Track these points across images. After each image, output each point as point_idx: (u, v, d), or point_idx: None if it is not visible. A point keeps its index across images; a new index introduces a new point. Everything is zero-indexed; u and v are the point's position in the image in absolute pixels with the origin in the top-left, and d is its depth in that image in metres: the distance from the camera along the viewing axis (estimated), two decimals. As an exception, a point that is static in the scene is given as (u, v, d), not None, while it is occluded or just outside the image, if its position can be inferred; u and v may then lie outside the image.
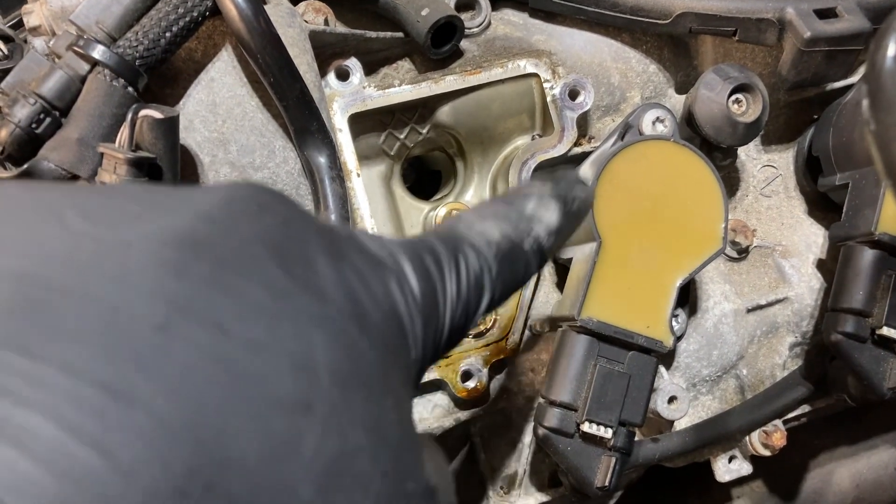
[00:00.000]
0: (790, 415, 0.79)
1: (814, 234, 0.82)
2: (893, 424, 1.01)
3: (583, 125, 0.78)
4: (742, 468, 0.79)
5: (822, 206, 0.83)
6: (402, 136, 0.78)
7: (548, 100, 0.76)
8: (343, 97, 0.71)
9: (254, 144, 0.67)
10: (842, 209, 0.72)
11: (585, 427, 0.62)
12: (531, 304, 0.76)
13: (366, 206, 0.71)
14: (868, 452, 1.01)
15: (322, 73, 0.69)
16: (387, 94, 0.72)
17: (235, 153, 0.67)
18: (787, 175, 0.84)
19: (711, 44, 0.77)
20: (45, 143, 0.58)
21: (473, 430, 0.76)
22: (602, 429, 0.62)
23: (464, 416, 0.75)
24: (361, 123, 0.74)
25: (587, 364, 0.63)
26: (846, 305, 0.68)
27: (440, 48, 0.71)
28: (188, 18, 0.60)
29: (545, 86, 0.76)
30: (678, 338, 0.76)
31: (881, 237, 0.67)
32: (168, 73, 0.66)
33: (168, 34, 0.60)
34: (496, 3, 0.77)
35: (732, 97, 0.69)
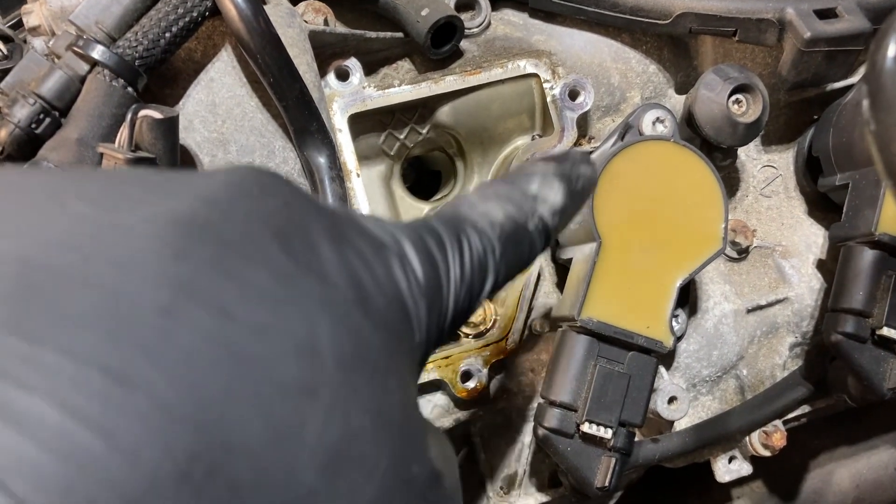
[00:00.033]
0: (790, 415, 0.79)
1: (814, 235, 0.82)
2: (893, 424, 1.01)
3: (583, 125, 0.78)
4: (742, 468, 0.79)
5: (823, 207, 0.83)
6: (402, 137, 0.78)
7: (548, 100, 0.76)
8: (343, 97, 0.71)
9: (253, 145, 0.67)
10: (842, 209, 0.72)
11: (585, 427, 0.62)
12: (531, 305, 0.76)
13: (366, 207, 0.71)
14: (868, 452, 1.01)
15: (322, 74, 0.69)
16: (387, 95, 0.72)
17: (235, 153, 0.67)
18: (787, 175, 0.84)
19: (711, 44, 0.77)
20: (45, 144, 0.58)
21: (473, 430, 0.76)
22: (602, 429, 0.62)
23: (464, 417, 0.75)
24: (361, 123, 0.74)
25: (587, 364, 0.63)
26: (846, 306, 0.68)
27: (440, 48, 0.71)
28: (188, 19, 0.60)
29: (545, 86, 0.76)
30: (678, 338, 0.76)
31: (881, 237, 0.67)
32: (168, 74, 0.66)
33: (168, 34, 0.60)
34: (496, 4, 0.77)
35: (732, 97, 0.69)
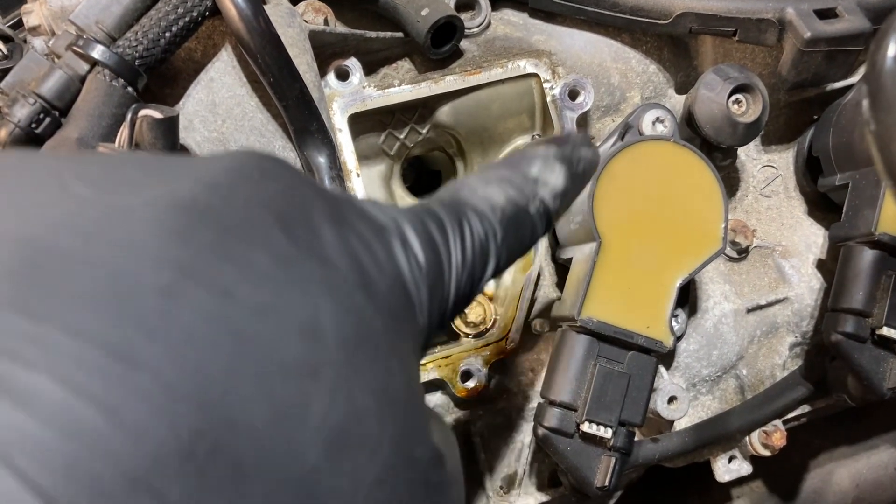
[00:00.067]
0: (790, 415, 0.79)
1: (814, 235, 0.82)
2: (893, 424, 1.01)
3: (583, 125, 0.78)
4: (742, 468, 0.79)
5: (822, 207, 0.83)
6: (402, 136, 0.78)
7: (548, 100, 0.76)
8: (343, 97, 0.71)
9: (253, 144, 0.67)
10: (842, 209, 0.72)
11: (585, 427, 0.62)
12: (531, 304, 0.76)
13: (365, 206, 0.71)
14: (868, 452, 1.01)
15: (322, 73, 0.69)
16: (387, 94, 0.72)
17: (235, 153, 0.67)
18: (787, 175, 0.84)
19: (711, 44, 0.77)
20: (45, 143, 0.58)
21: (473, 430, 0.76)
22: (602, 429, 0.62)
23: (463, 416, 0.75)
24: (361, 123, 0.74)
25: (587, 364, 0.63)
26: (846, 305, 0.68)
27: (440, 48, 0.71)
28: (188, 18, 0.60)
29: (545, 86, 0.76)
30: (678, 338, 0.76)
31: (881, 237, 0.67)
32: (168, 73, 0.66)
33: (168, 34, 0.60)
34: (496, 4, 0.77)
35: (732, 97, 0.69)
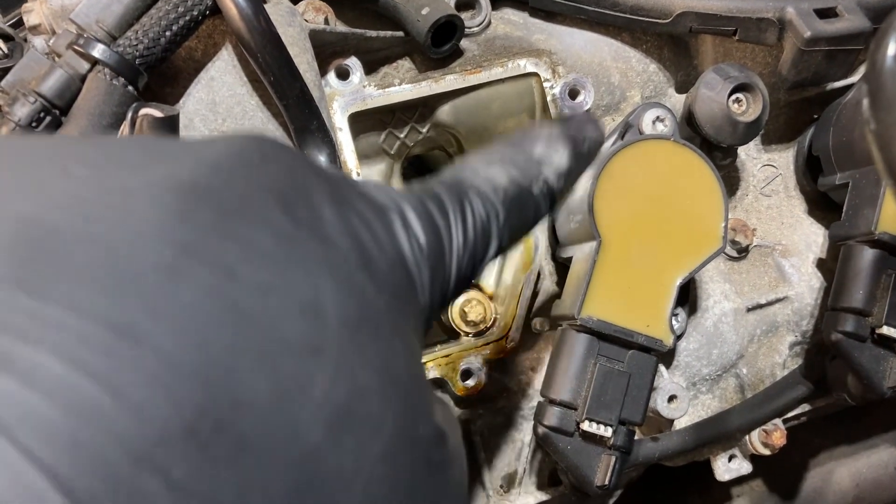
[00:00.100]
0: (790, 414, 0.79)
1: (814, 234, 0.82)
2: (893, 424, 1.01)
3: (583, 124, 0.78)
4: (742, 467, 0.79)
5: (823, 206, 0.83)
6: (403, 136, 0.78)
7: (548, 99, 0.76)
8: (343, 96, 0.71)
9: (254, 143, 0.67)
10: (842, 209, 0.72)
11: (585, 426, 0.62)
12: (531, 304, 0.76)
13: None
14: (868, 452, 1.01)
15: (322, 72, 0.69)
16: (387, 93, 0.72)
17: (235, 152, 0.67)
18: (788, 174, 0.84)
19: (711, 43, 0.77)
20: (46, 142, 0.58)
21: (473, 429, 0.76)
22: (602, 427, 0.62)
23: (463, 415, 0.75)
24: (361, 122, 0.74)
25: (587, 363, 0.63)
26: (846, 304, 0.68)
27: (440, 47, 0.71)
28: (188, 17, 0.60)
29: (545, 85, 0.76)
30: (678, 337, 0.76)
31: (881, 236, 0.67)
32: (168, 72, 0.66)
33: (168, 33, 0.60)
34: (496, 3, 0.77)
35: (733, 96, 0.69)
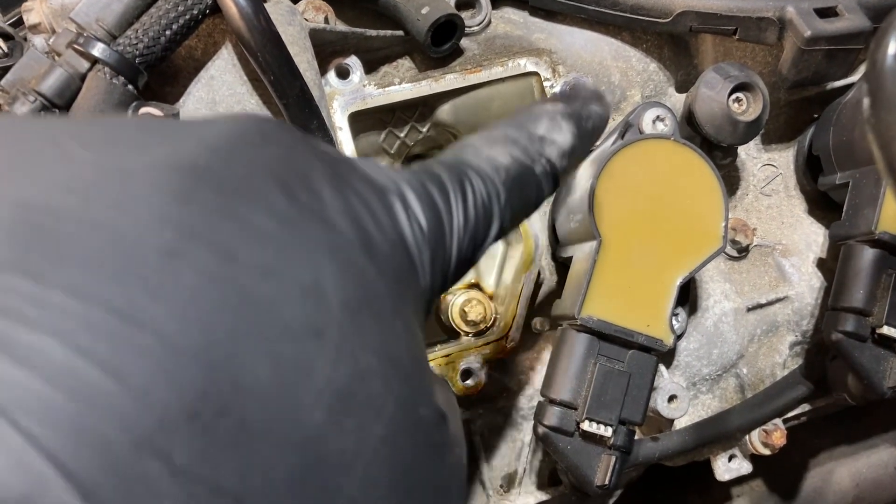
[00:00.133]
0: (790, 414, 0.79)
1: (814, 233, 0.82)
2: (893, 424, 1.01)
3: (583, 124, 0.78)
4: (742, 467, 0.79)
5: (823, 205, 0.83)
6: (403, 135, 0.78)
7: (548, 98, 0.76)
8: (343, 95, 0.71)
9: (254, 142, 0.67)
10: (842, 208, 0.72)
11: (585, 426, 0.62)
12: (531, 304, 0.76)
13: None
14: (868, 452, 1.01)
15: (322, 72, 0.69)
16: (387, 93, 0.72)
17: (235, 151, 0.67)
18: (788, 174, 0.84)
19: (712, 42, 0.77)
20: (45, 141, 0.58)
21: (473, 429, 0.76)
22: (602, 427, 0.62)
23: (463, 415, 0.75)
24: (362, 122, 0.74)
25: (587, 362, 0.63)
26: (846, 304, 0.68)
27: (440, 46, 0.71)
28: (188, 16, 0.60)
29: (545, 84, 0.76)
30: (678, 336, 0.76)
31: (881, 236, 0.67)
32: (168, 71, 0.66)
33: (168, 32, 0.60)
34: (496, 2, 0.77)
35: (733, 96, 0.69)
